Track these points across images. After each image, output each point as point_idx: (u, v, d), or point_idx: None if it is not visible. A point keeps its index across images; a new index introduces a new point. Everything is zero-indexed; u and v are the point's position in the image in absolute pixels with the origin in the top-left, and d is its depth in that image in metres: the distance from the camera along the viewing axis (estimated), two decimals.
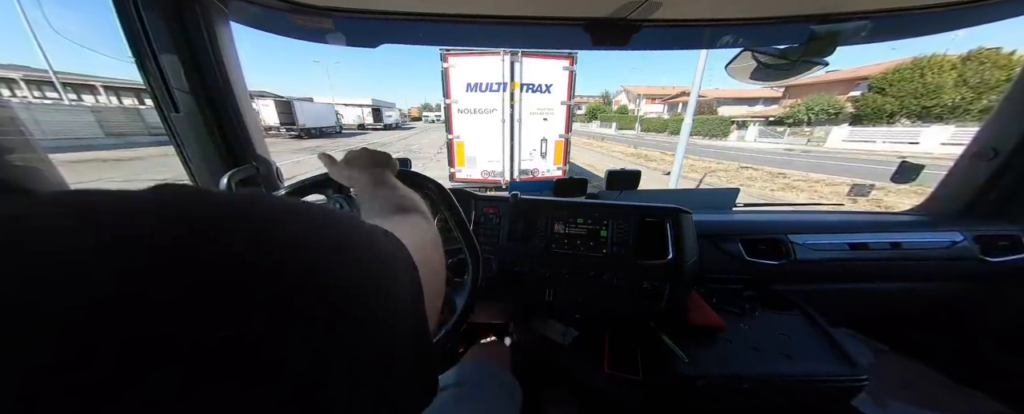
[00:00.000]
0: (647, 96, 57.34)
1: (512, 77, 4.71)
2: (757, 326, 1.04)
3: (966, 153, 1.23)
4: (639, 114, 51.27)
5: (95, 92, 35.70)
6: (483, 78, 4.78)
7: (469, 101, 4.92)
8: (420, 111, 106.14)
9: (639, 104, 57.77)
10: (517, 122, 5.04)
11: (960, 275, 1.23)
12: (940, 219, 1.28)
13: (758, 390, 0.88)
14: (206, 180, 1.02)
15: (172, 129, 0.97)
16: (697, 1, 0.84)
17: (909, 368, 1.27)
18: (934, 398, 1.15)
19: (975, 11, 0.89)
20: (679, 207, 1.03)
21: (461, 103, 4.93)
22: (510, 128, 5.03)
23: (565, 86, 4.88)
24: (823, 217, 1.36)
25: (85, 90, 35.25)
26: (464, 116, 5.02)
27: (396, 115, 51.75)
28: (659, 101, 56.16)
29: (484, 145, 5.20)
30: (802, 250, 1.18)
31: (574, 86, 4.93)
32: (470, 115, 5.02)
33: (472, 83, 4.81)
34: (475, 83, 4.81)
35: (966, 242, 1.18)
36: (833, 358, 0.92)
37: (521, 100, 4.90)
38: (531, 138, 5.23)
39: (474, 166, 5.30)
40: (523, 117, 5.04)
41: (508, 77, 4.71)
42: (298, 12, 0.87)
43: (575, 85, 4.95)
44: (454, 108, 4.96)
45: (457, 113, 4.99)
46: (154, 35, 0.85)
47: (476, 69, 4.71)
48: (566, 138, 5.28)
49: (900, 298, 1.29)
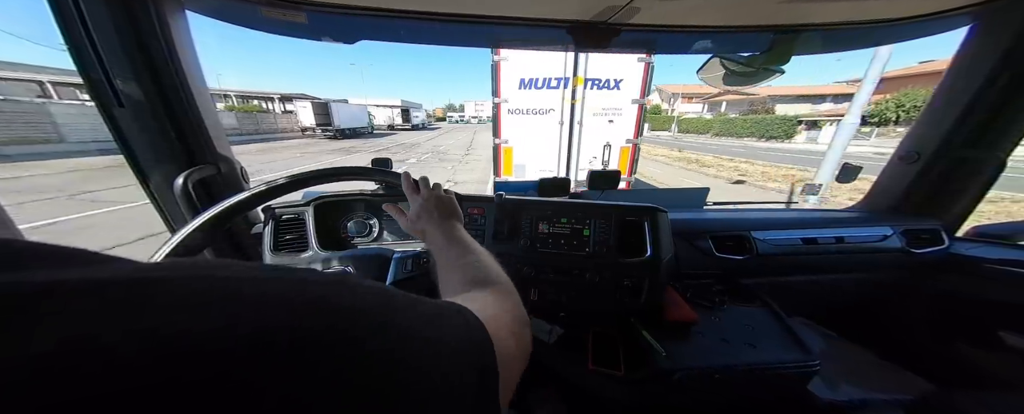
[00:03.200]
0: (684, 95, 53.21)
1: (575, 71, 4.04)
2: (726, 318, 1.10)
3: (895, 156, 1.38)
4: (674, 114, 47.97)
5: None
6: (540, 73, 4.14)
7: (522, 100, 4.28)
8: (444, 111, 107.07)
9: (673, 103, 54.47)
10: (577, 124, 4.35)
11: (891, 266, 1.37)
12: (875, 215, 1.42)
13: (727, 379, 0.93)
14: (158, 181, 0.93)
15: (115, 125, 0.87)
16: (673, 8, 0.88)
17: (854, 352, 1.40)
18: (877, 381, 1.27)
19: (911, 27, 1.01)
20: (656, 206, 1.07)
21: (512, 102, 4.29)
22: (568, 131, 4.36)
23: (639, 81, 4.15)
24: (780, 214, 1.47)
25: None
26: (515, 118, 4.37)
27: (422, 115, 52.81)
28: (697, 100, 51.76)
29: (535, 151, 4.53)
30: (763, 245, 1.26)
31: (650, 82, 4.21)
32: (522, 116, 4.38)
33: (527, 79, 4.17)
34: (531, 79, 4.17)
35: (895, 236, 1.32)
36: (791, 346, 0.99)
37: (584, 98, 4.22)
38: (592, 143, 4.52)
39: (522, 175, 4.63)
40: (584, 118, 4.35)
41: (571, 71, 4.04)
42: (267, 3, 0.81)
43: (652, 81, 4.22)
44: (504, 108, 4.31)
45: (507, 114, 4.35)
46: (92, 21, 0.76)
47: (533, 62, 4.06)
48: (635, 143, 4.51)
49: (845, 288, 1.42)
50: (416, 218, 0.60)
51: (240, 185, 1.06)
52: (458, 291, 0.42)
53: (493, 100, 4.30)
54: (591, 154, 4.58)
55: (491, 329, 0.27)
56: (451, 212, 0.60)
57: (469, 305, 0.29)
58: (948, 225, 1.35)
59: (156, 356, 0.12)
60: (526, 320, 0.38)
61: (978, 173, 1.25)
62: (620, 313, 1.07)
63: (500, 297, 0.39)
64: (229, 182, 1.03)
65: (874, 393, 1.19)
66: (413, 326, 0.22)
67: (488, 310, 0.30)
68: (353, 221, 1.13)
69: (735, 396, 1.00)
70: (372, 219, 1.16)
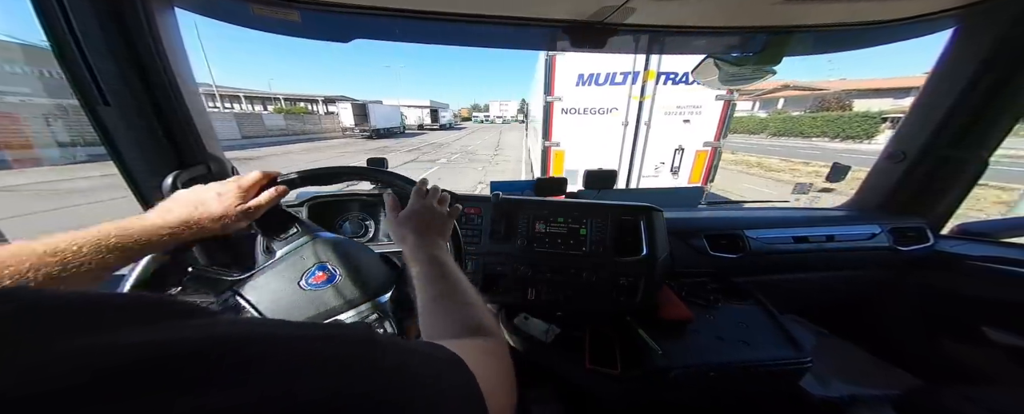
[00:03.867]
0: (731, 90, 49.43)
1: (647, 64, 3.58)
2: (720, 316, 1.11)
3: (882, 155, 1.41)
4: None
5: (238, 101, 44.90)
6: (603, 67, 3.69)
7: (579, 98, 3.82)
8: (469, 111, 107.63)
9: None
10: (644, 125, 3.84)
11: (879, 263, 1.40)
12: (863, 213, 1.45)
13: (722, 377, 0.94)
14: (146, 181, 0.90)
15: (100, 124, 0.85)
16: (668, 9, 0.88)
17: (845, 349, 1.42)
18: (867, 377, 1.29)
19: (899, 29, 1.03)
20: (652, 206, 1.08)
21: (567, 100, 3.83)
22: (633, 133, 3.87)
23: None
24: (773, 213, 1.49)
25: (232, 100, 44.85)
26: (569, 118, 3.91)
27: (449, 115, 54.64)
28: (747, 97, 46.46)
29: (591, 155, 4.00)
30: (755, 243, 1.28)
31: None
32: (578, 116, 3.91)
33: (587, 74, 3.73)
34: (591, 75, 3.73)
35: (882, 234, 1.34)
36: (783, 343, 1.00)
37: (654, 95, 3.72)
38: (660, 146, 3.97)
39: (574, 182, 4.24)
40: (653, 118, 3.82)
41: (642, 64, 3.58)
42: (257, 1, 0.79)
43: None
44: (557, 107, 3.85)
45: (560, 114, 3.89)
46: (76, 16, 0.74)
47: (595, 55, 3.57)
48: (715, 147, 3.93)
49: (835, 285, 1.44)
50: (405, 221, 0.58)
51: None
52: (449, 333, 0.40)
53: (545, 99, 3.89)
54: (659, 159, 4.06)
55: (486, 389, 0.26)
56: (440, 230, 0.58)
57: (464, 356, 0.27)
58: (933, 223, 1.38)
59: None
60: (513, 376, 0.37)
61: (962, 172, 1.28)
62: (616, 312, 1.08)
63: (494, 351, 0.37)
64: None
65: (864, 389, 1.21)
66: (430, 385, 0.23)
67: (484, 368, 0.29)
68: (349, 221, 1.12)
69: (730, 393, 1.01)
70: (368, 219, 1.15)
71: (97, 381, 0.12)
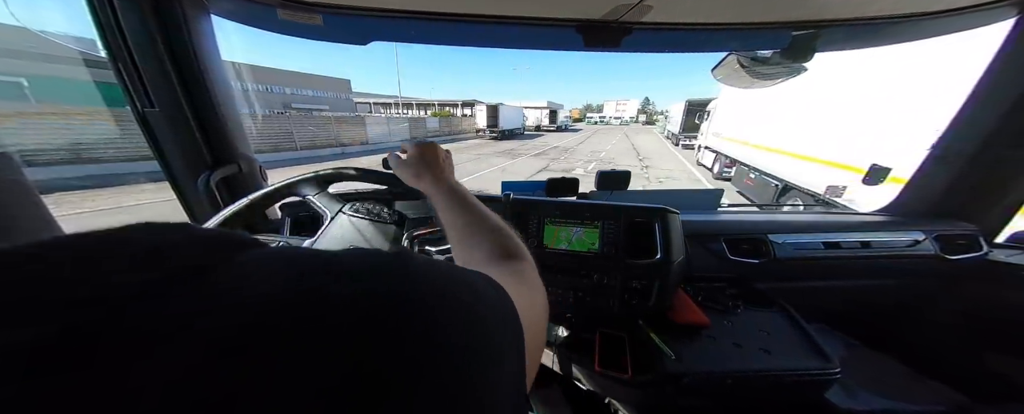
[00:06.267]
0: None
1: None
2: (739, 323, 1.07)
3: (929, 156, 1.31)
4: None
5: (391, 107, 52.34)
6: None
7: None
8: (581, 112, 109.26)
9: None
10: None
11: (921, 272, 1.30)
12: (904, 219, 1.35)
13: (740, 385, 0.91)
14: (185, 179, 0.98)
15: (147, 126, 0.93)
16: (687, 5, 0.86)
17: (878, 361, 1.34)
18: (901, 390, 1.21)
19: (946, 22, 0.95)
20: (667, 208, 1.05)
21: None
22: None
23: None
24: (800, 217, 1.42)
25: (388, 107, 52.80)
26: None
27: (564, 117, 57.61)
28: None
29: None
30: (781, 249, 1.22)
31: None
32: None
33: None
34: None
35: (927, 241, 1.25)
36: (809, 353, 0.95)
37: None
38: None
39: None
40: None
41: None
42: (284, 7, 0.84)
43: None
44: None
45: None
46: (127, 26, 0.81)
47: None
48: None
49: (870, 294, 1.36)
50: (416, 160, 0.59)
51: (259, 183, 1.11)
52: (484, 261, 0.42)
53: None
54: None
55: (520, 307, 0.27)
56: (447, 162, 0.61)
57: (502, 282, 0.28)
58: (986, 230, 1.27)
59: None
60: (545, 299, 0.38)
61: (1021, 175, 1.17)
62: (628, 315, 1.06)
63: (527, 276, 0.39)
64: (249, 180, 1.08)
65: (900, 403, 1.13)
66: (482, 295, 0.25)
67: (519, 288, 0.29)
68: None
69: (748, 402, 0.98)
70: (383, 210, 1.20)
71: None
